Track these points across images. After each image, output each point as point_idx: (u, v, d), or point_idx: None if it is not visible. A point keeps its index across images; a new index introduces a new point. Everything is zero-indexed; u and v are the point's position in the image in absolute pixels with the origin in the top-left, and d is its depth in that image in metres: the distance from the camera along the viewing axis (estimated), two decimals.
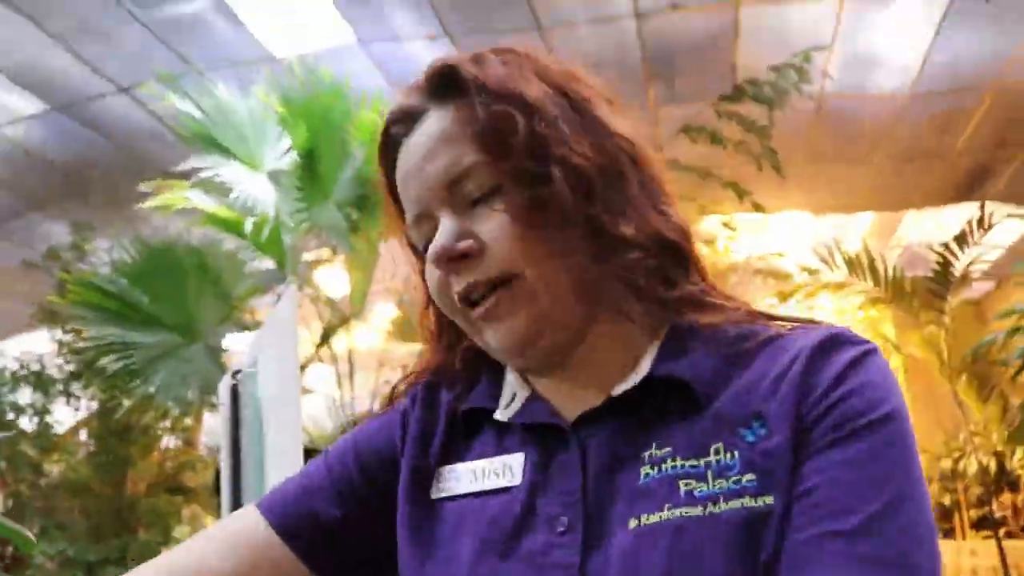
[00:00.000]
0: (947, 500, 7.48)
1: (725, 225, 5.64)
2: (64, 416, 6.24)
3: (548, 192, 0.62)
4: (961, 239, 5.83)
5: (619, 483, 0.60)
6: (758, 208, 4.91)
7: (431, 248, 0.65)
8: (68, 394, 5.83)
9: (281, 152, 4.66)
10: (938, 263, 5.88)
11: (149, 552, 5.30)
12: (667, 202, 0.68)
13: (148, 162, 5.14)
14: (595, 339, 0.66)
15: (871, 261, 6.05)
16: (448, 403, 0.73)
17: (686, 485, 0.57)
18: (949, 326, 6.16)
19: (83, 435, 6.30)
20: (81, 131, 5.31)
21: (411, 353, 5.51)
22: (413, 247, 0.72)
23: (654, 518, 0.57)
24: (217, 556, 0.68)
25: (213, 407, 5.87)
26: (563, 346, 0.66)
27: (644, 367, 0.65)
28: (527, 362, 0.67)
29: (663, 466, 0.59)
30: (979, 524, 7.21)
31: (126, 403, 4.73)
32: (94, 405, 5.88)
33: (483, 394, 0.71)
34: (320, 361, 4.97)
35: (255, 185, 4.45)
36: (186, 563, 0.68)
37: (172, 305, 4.45)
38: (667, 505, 0.57)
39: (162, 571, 0.68)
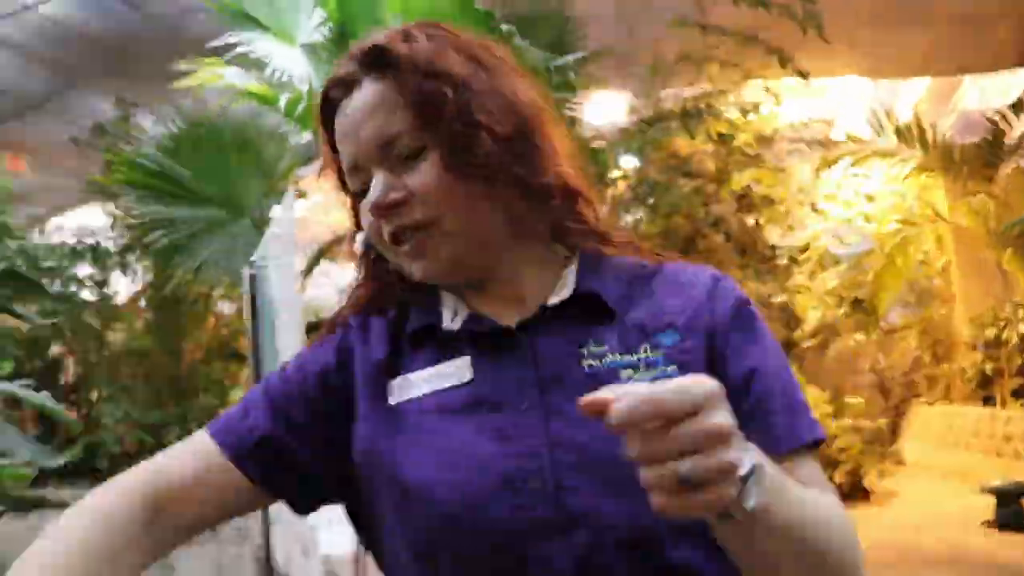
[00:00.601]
0: (989, 368, 7.48)
1: (767, 91, 5.49)
2: (123, 287, 6.51)
3: (473, 152, 0.74)
4: (1017, 106, 5.60)
5: (566, 372, 0.75)
6: (801, 74, 4.77)
7: (367, 200, 0.76)
8: (124, 266, 6.06)
9: (315, 24, 4.60)
10: (990, 130, 5.68)
11: (207, 415, 5.62)
12: (564, 158, 0.81)
13: (187, 37, 5.13)
14: (517, 265, 0.81)
15: (920, 129, 5.86)
16: (383, 327, 0.83)
17: (625, 373, 0.74)
18: (999, 196, 6.00)
19: (143, 304, 6.57)
20: (116, 6, 5.29)
21: None
22: (346, 189, 0.82)
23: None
24: (192, 478, 0.74)
25: None
26: (481, 272, 0.79)
27: (569, 285, 0.80)
28: (451, 284, 0.81)
29: (603, 360, 0.75)
30: (1018, 392, 7.23)
31: (178, 275, 4.90)
32: (150, 276, 6.11)
33: (423, 314, 0.82)
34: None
35: (289, 59, 4.43)
36: (162, 478, 0.74)
37: (215, 180, 4.54)
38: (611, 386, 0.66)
39: (139, 487, 0.72)
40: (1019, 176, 6.50)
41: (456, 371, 0.77)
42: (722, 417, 0.54)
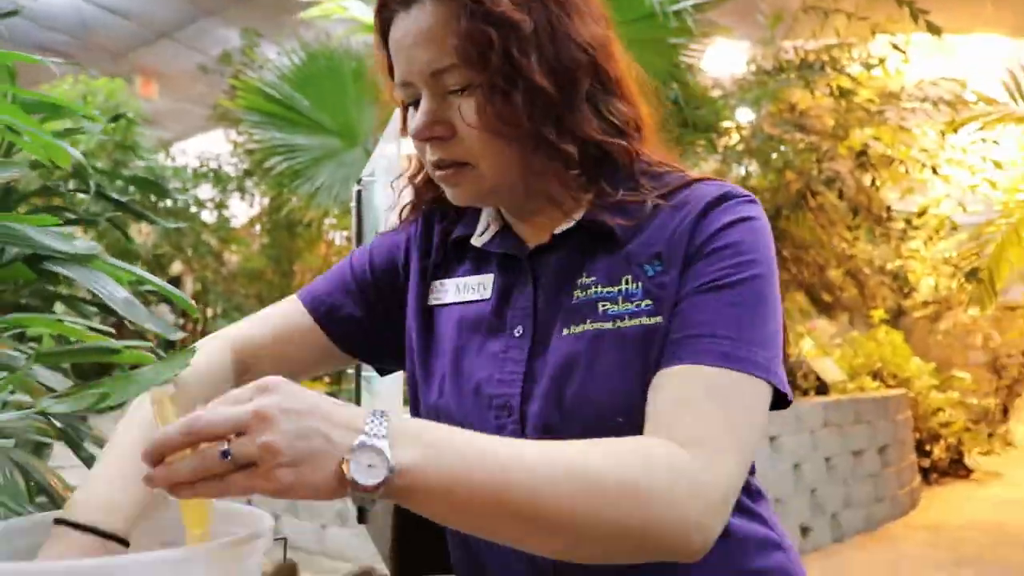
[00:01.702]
0: None
1: (894, 47, 5.23)
2: (240, 211, 6.80)
3: (510, 101, 0.74)
4: None
5: (559, 302, 0.79)
6: (933, 30, 4.54)
7: (413, 123, 0.77)
8: (242, 190, 6.31)
9: None
10: None
11: None
12: (620, 99, 0.80)
13: None
14: (538, 200, 0.82)
15: None
16: (440, 230, 0.90)
17: (603, 306, 0.76)
18: None
19: (257, 229, 6.86)
20: None
21: None
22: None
23: (578, 328, 0.76)
24: (272, 336, 0.88)
25: None
26: (510, 203, 0.83)
27: (578, 216, 0.81)
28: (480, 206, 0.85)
29: (589, 291, 0.78)
30: None
31: (293, 200, 5.09)
32: (266, 201, 6.36)
33: (465, 226, 0.88)
34: None
35: None
36: (247, 337, 0.87)
37: (332, 110, 4.67)
38: (589, 320, 0.76)
39: (229, 342, 0.86)
40: None
41: (479, 285, 0.84)
42: (262, 401, 0.54)
